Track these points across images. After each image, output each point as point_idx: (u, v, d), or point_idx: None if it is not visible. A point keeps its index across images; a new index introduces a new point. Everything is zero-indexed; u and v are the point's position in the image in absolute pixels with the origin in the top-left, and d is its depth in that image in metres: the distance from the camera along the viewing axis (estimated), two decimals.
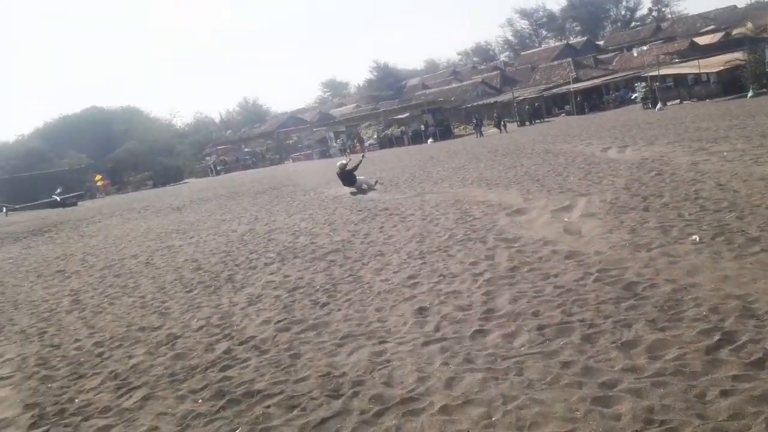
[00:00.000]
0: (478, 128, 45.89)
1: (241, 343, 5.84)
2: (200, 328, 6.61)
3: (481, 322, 5.13)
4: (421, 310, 5.74)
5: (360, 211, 13.73)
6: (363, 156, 21.37)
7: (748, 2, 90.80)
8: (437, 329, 5.18)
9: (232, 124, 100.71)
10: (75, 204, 42.32)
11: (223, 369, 5.24)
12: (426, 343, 4.90)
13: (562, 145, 22.40)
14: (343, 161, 19.56)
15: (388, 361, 4.69)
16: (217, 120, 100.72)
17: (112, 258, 13.23)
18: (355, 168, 19.33)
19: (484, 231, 8.90)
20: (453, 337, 4.91)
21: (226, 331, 6.32)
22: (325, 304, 6.59)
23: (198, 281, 9.14)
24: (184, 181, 58.86)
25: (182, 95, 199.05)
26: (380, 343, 5.12)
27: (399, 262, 7.90)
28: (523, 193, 12.14)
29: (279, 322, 6.26)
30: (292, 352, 5.32)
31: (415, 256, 8.13)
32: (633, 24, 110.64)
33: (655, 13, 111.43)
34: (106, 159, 65.40)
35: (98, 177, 57.26)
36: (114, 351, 6.42)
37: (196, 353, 5.78)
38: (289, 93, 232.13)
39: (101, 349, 6.55)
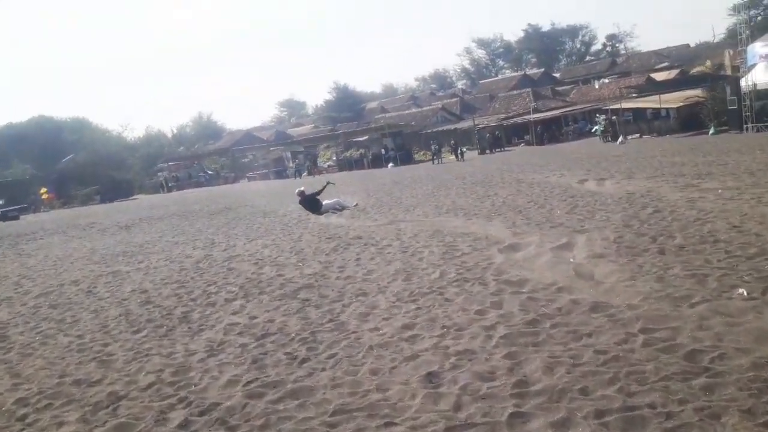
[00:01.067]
0: (437, 155, 45.28)
1: (201, 413, 4.61)
2: (149, 385, 5.35)
3: (516, 400, 4.04)
4: (431, 377, 4.61)
5: (329, 238, 12.57)
6: (328, 183, 20.18)
7: (699, 42, 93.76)
8: (458, 407, 4.06)
9: (185, 139, 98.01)
10: (17, 218, 39.90)
11: None
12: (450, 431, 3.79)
13: (532, 174, 21.74)
14: (301, 188, 18.55)
15: None
16: (170, 135, 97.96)
17: (50, 283, 11.72)
18: (318, 193, 18.26)
19: (479, 270, 7.86)
20: (484, 423, 3.80)
21: (182, 393, 5.09)
22: (304, 360, 5.41)
23: (147, 319, 7.83)
24: (133, 197, 56.50)
25: (134, 108, 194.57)
26: (386, 426, 3.97)
27: (387, 306, 6.78)
28: (508, 226, 11.19)
29: (249, 383, 5.05)
30: None
31: (405, 298, 7.03)
32: (587, 58, 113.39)
33: (609, 48, 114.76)
34: (52, 171, 62.42)
35: (43, 190, 54.53)
36: (41, 414, 5.11)
37: (144, 426, 4.53)
38: (245, 110, 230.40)
39: (24, 410, 5.23)
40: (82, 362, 6.33)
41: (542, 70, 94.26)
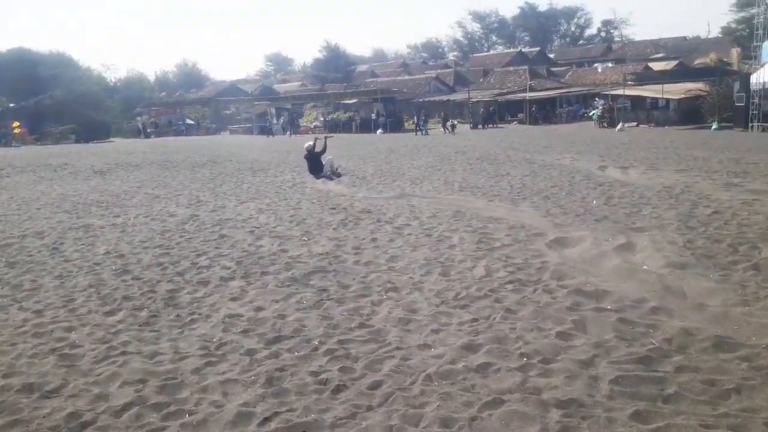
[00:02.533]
0: (423, 125, 43.60)
1: None
2: (126, 407, 3.90)
3: None
4: None
5: (333, 209, 11.11)
6: (327, 136, 18.73)
7: (691, 36, 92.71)
8: None
9: (167, 85, 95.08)
10: None
11: None
12: None
13: (540, 155, 20.40)
14: (310, 143, 17.09)
15: None
16: (152, 79, 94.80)
17: (10, 233, 10.10)
18: (323, 151, 16.81)
19: (534, 270, 6.49)
20: None
21: (172, 426, 3.67)
22: (339, 389, 4.01)
23: (124, 295, 6.35)
24: (110, 139, 54.06)
25: (116, 48, 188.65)
26: None
27: (431, 311, 5.39)
28: (543, 214, 9.83)
29: (267, 421, 3.63)
30: None
31: (450, 301, 5.65)
32: (581, 42, 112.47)
33: (603, 34, 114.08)
34: (27, 104, 59.32)
35: (16, 124, 51.76)
36: None
37: None
38: (230, 62, 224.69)
39: None
40: (38, 354, 4.86)
41: (538, 48, 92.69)
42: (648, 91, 43.25)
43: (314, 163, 16.87)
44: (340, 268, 6.97)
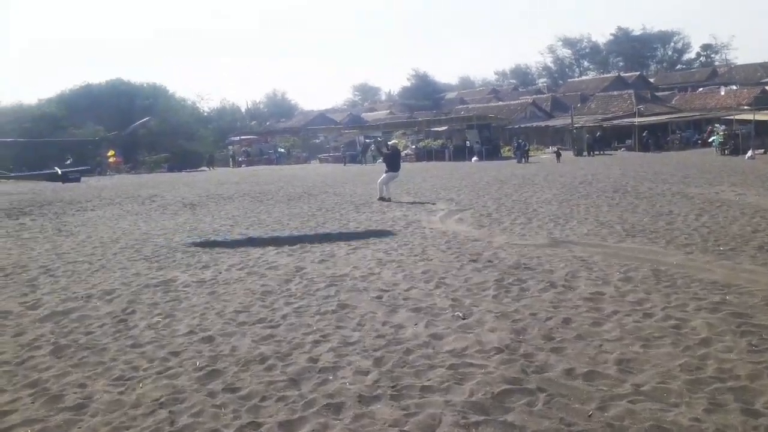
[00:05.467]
0: (521, 152, 40.68)
1: None
2: None
3: None
4: None
5: (475, 261, 8.53)
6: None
7: None
8: None
9: (258, 115, 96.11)
10: (78, 180, 37.16)
11: None
12: None
13: (690, 188, 17.18)
14: (393, 142, 19.02)
15: None
16: (243, 109, 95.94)
17: (73, 290, 8.08)
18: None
19: None
20: None
21: None
22: None
23: (210, 430, 3.98)
24: (201, 168, 53.75)
25: (209, 81, 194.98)
26: None
27: None
28: None
29: None
30: None
31: None
32: (678, 67, 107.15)
33: (702, 59, 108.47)
34: (123, 133, 60.26)
35: (111, 153, 52.31)
36: None
37: None
38: (319, 92, 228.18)
39: None
40: None
41: (637, 73, 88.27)
42: None
43: (394, 161, 18.15)
44: (549, 386, 4.32)
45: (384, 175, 17.83)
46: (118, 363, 5.28)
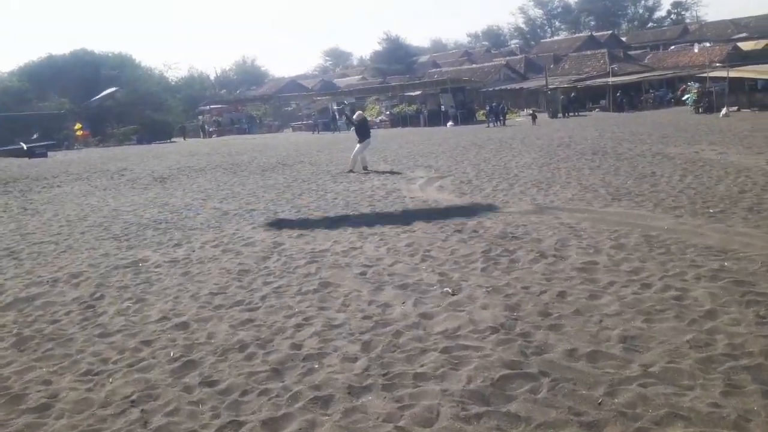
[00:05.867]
0: (496, 116, 40.38)
1: None
2: None
3: None
4: None
5: (459, 231, 8.22)
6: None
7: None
8: None
9: (228, 83, 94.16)
10: (44, 155, 36.11)
11: None
12: None
13: (670, 148, 17.01)
14: (359, 112, 19.40)
15: None
16: (213, 77, 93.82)
17: (38, 274, 7.62)
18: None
19: None
20: None
21: None
22: None
23: (187, 430, 3.64)
24: (172, 140, 52.55)
25: (176, 47, 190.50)
26: None
27: None
28: None
29: None
30: None
31: None
32: (650, 25, 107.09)
33: (673, 16, 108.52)
34: (89, 104, 58.50)
35: (78, 126, 50.86)
36: None
37: None
38: (289, 58, 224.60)
39: None
40: None
41: (609, 32, 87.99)
42: (754, 72, 38.73)
43: (365, 129, 17.50)
44: (552, 369, 4.03)
45: (357, 146, 17.07)
46: (85, 355, 4.90)
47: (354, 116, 18.73)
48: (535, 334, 4.53)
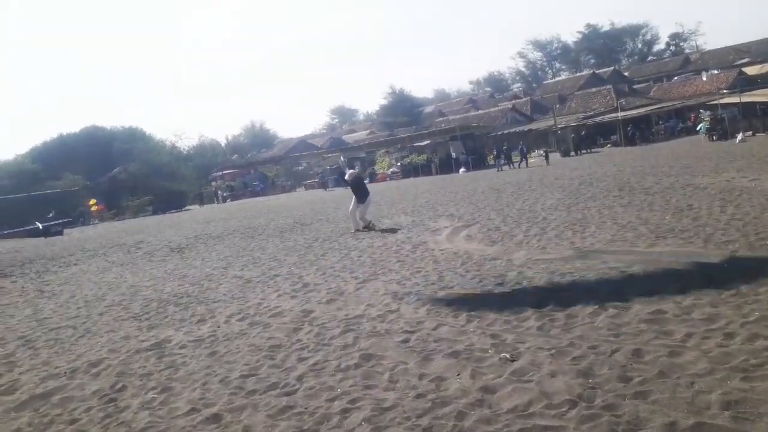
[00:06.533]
0: (509, 159, 40.14)
1: None
2: None
3: None
4: None
5: (500, 285, 7.64)
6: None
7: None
8: None
9: (238, 148, 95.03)
10: (60, 233, 36.01)
11: None
12: None
13: (697, 178, 16.47)
14: (352, 170, 17.46)
15: None
16: (223, 143, 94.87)
17: (56, 367, 7.09)
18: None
19: None
20: None
21: None
22: None
23: None
24: (186, 208, 52.60)
25: (185, 118, 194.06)
26: None
27: None
28: None
29: None
30: None
31: None
32: (650, 59, 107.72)
33: (672, 48, 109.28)
34: (102, 180, 59.02)
35: (92, 201, 51.17)
36: None
37: None
38: (296, 119, 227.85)
39: None
40: None
41: (612, 68, 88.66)
42: (766, 96, 38.43)
43: (361, 188, 15.70)
44: None
45: (352, 203, 15.83)
46: None
47: (347, 175, 16.31)
48: (621, 406, 3.93)
